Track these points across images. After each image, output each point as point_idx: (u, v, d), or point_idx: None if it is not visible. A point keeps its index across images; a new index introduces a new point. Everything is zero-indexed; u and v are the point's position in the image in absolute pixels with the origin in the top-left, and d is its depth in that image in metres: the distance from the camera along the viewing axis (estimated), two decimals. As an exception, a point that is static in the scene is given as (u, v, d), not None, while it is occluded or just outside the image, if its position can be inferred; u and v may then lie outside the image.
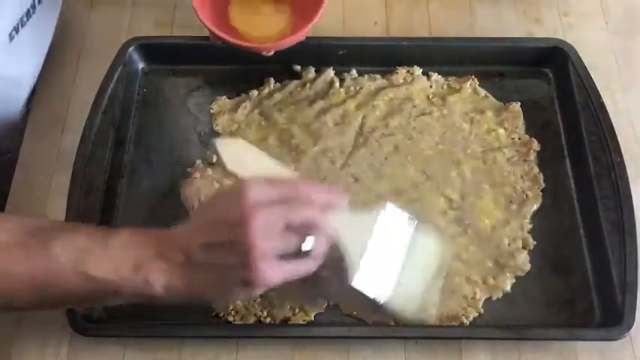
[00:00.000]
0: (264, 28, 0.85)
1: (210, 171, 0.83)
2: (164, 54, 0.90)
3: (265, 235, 0.59)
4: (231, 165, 0.67)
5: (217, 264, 0.61)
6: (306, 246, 0.62)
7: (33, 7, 0.83)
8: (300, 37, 0.81)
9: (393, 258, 0.67)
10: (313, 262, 0.63)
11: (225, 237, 0.60)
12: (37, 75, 0.89)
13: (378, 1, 0.97)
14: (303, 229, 0.61)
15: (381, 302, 0.67)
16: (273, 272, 0.60)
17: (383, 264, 0.67)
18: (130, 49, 0.88)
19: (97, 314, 0.75)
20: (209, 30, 0.81)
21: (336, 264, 0.65)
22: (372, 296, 0.66)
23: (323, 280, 0.68)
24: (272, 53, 0.83)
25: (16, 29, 0.81)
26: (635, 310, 0.72)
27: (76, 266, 0.61)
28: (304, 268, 0.63)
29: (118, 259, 0.61)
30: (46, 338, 0.74)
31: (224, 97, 0.88)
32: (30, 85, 0.88)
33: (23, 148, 0.86)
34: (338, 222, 0.64)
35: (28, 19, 0.82)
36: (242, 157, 0.67)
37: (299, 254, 0.62)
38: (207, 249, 0.61)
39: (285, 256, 0.61)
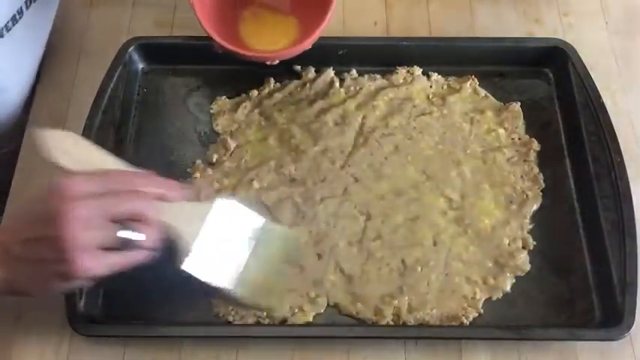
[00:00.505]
0: (272, 41, 0.86)
1: (210, 171, 0.83)
2: (164, 54, 0.90)
3: (82, 228, 0.59)
4: (59, 158, 0.65)
5: (34, 258, 0.61)
6: (134, 236, 0.62)
7: (27, 4, 0.83)
8: (299, 49, 0.82)
9: (234, 247, 0.69)
10: (143, 252, 0.63)
11: (41, 232, 0.60)
12: (32, 74, 0.88)
13: (378, 1, 0.97)
14: (129, 220, 0.62)
15: (216, 286, 0.68)
16: (94, 263, 0.60)
17: (221, 252, 0.68)
18: (130, 49, 0.88)
19: (97, 314, 0.75)
20: (215, 41, 0.81)
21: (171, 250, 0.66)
22: (204, 280, 0.67)
23: None
24: (276, 62, 0.83)
25: (7, 27, 0.81)
26: (635, 310, 0.72)
27: None
28: (133, 258, 0.63)
29: None
30: (46, 338, 0.75)
31: (224, 97, 0.89)
32: (22, 84, 0.88)
33: (23, 147, 0.86)
34: (171, 211, 0.65)
35: (20, 17, 0.82)
36: (73, 151, 0.65)
37: (129, 245, 0.62)
38: (24, 244, 0.61)
39: (112, 248, 0.61)
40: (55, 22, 0.91)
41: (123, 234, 0.62)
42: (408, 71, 0.89)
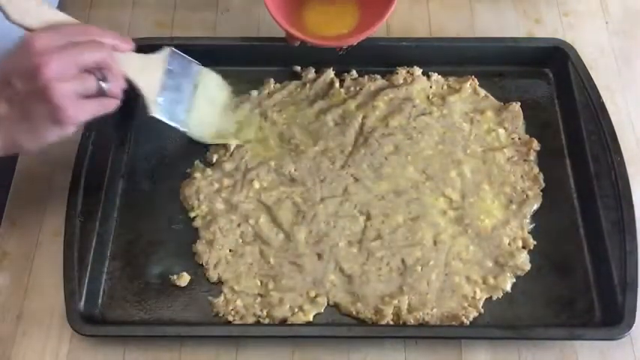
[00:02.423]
0: (337, 27, 0.85)
1: (209, 171, 0.83)
2: (164, 54, 0.90)
3: (62, 78, 0.63)
4: (16, 16, 0.68)
5: (23, 114, 0.64)
6: (107, 84, 0.67)
7: None
8: (371, 32, 0.80)
9: (184, 94, 0.79)
10: (113, 100, 0.69)
11: (23, 87, 0.63)
12: None
13: (378, 1, 0.97)
14: (97, 70, 0.66)
15: (183, 129, 0.78)
16: (79, 109, 0.65)
17: (176, 98, 0.77)
18: (130, 50, 0.88)
19: (97, 314, 0.75)
20: (286, 32, 0.81)
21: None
22: (172, 124, 0.77)
23: None
24: (345, 48, 0.84)
25: None
26: (635, 309, 0.72)
27: None
28: (107, 105, 0.69)
29: None
30: (46, 338, 0.75)
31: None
32: None
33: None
34: (128, 63, 0.72)
35: None
36: (33, 11, 0.69)
37: (103, 92, 0.67)
38: (9, 103, 0.64)
39: (88, 97, 0.66)
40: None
41: (100, 82, 0.67)
42: (408, 71, 0.89)
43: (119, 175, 0.83)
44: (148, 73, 0.75)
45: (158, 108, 0.76)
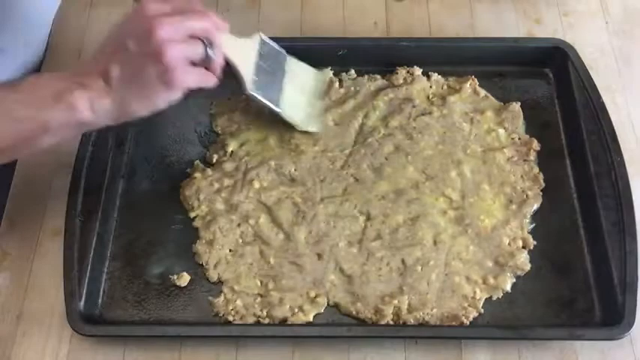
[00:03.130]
0: None
1: (209, 171, 0.83)
2: (164, 54, 0.90)
3: (173, 40, 0.65)
4: None
5: (135, 76, 0.66)
6: (213, 53, 0.69)
7: None
8: None
9: (276, 77, 0.81)
10: (213, 76, 0.71)
11: (136, 49, 0.65)
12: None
13: (378, 1, 0.97)
14: (202, 39, 0.68)
15: (276, 109, 0.80)
16: (186, 74, 0.67)
17: (268, 80, 0.79)
18: (130, 50, 0.88)
19: (97, 314, 0.75)
20: None
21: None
22: (267, 103, 0.79)
23: None
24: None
25: None
26: (635, 310, 0.72)
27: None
28: (208, 78, 0.70)
29: (34, 96, 0.65)
30: (46, 338, 0.75)
31: (224, 97, 0.88)
32: None
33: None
34: (225, 41, 0.72)
35: None
36: None
37: (209, 61, 0.70)
38: (122, 65, 0.66)
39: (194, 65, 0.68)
40: (55, 22, 0.91)
41: (207, 49, 0.69)
42: (408, 71, 0.89)
43: (119, 175, 0.83)
44: (244, 53, 0.77)
45: (254, 86, 0.77)
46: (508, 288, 0.76)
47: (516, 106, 0.87)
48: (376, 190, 0.81)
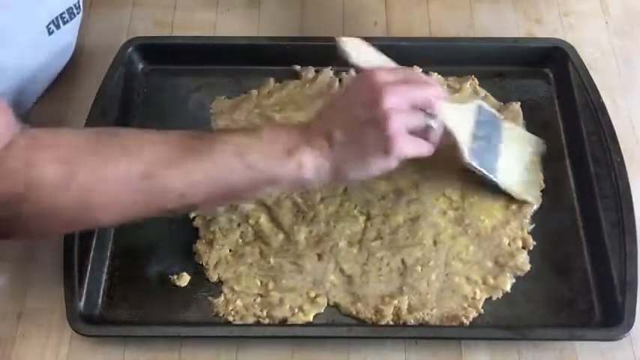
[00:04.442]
0: None
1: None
2: (164, 54, 0.90)
3: (398, 110, 0.66)
4: (359, 59, 0.75)
5: (357, 141, 0.67)
6: (433, 123, 0.70)
7: (77, 7, 0.83)
8: None
9: (492, 144, 0.79)
10: (431, 144, 0.71)
11: (363, 115, 0.67)
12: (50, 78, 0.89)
13: (378, 1, 0.97)
14: (424, 109, 0.69)
15: (492, 177, 0.78)
16: (406, 143, 0.67)
17: (485, 148, 0.78)
18: (130, 49, 0.88)
19: (97, 314, 0.75)
20: None
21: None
22: (483, 171, 0.78)
23: None
24: None
25: (56, 24, 0.80)
26: (635, 310, 0.72)
27: (239, 159, 0.65)
28: (426, 147, 0.70)
29: (272, 149, 0.66)
30: (46, 338, 0.75)
31: (224, 97, 0.89)
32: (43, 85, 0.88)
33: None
34: (443, 110, 0.71)
35: (71, 19, 0.82)
36: (365, 52, 0.76)
37: (428, 131, 0.70)
38: (346, 130, 0.67)
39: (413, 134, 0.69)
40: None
41: (427, 119, 0.69)
42: (408, 71, 0.89)
43: (119, 175, 0.83)
44: (461, 122, 0.76)
45: (471, 155, 0.76)
46: (508, 288, 0.76)
47: (516, 106, 0.87)
48: (376, 190, 0.81)
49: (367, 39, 0.88)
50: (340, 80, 0.89)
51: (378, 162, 0.68)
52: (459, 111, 0.76)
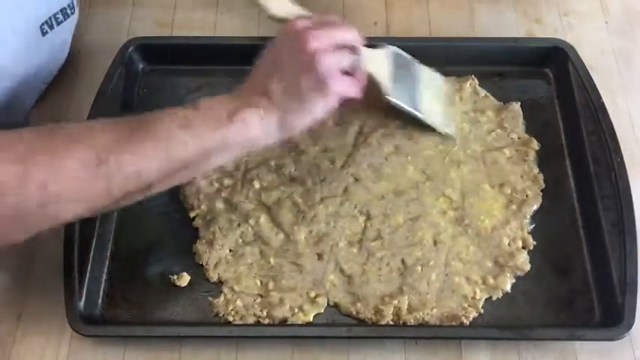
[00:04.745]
0: None
1: (209, 171, 0.82)
2: (164, 54, 0.90)
3: (325, 50, 0.68)
4: (279, 12, 0.80)
5: (293, 89, 0.68)
6: (359, 60, 0.72)
7: (71, 7, 0.83)
8: None
9: (411, 85, 0.83)
10: (356, 86, 0.73)
11: (291, 63, 0.69)
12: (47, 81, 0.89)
13: (378, 1, 0.97)
14: (347, 50, 0.71)
15: (417, 114, 0.82)
16: (338, 81, 0.70)
17: (405, 88, 0.81)
18: (130, 49, 0.88)
19: (97, 314, 0.75)
20: None
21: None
22: (408, 108, 0.81)
23: None
24: None
25: (50, 25, 0.80)
26: (635, 310, 0.72)
27: (185, 131, 0.65)
28: (354, 88, 0.72)
29: (213, 114, 0.67)
30: (46, 338, 0.75)
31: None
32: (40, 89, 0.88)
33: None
34: (365, 54, 0.75)
35: (65, 19, 0.82)
36: (281, 3, 0.81)
37: (357, 68, 0.73)
38: (280, 82, 0.69)
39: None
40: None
41: (354, 56, 0.72)
42: (408, 71, 0.89)
43: (119, 175, 0.83)
44: (381, 64, 0.80)
45: (393, 92, 0.80)
46: (508, 288, 0.76)
47: (516, 106, 0.87)
48: (376, 190, 0.81)
49: (367, 39, 0.89)
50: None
51: (318, 104, 0.69)
52: (377, 54, 0.80)
